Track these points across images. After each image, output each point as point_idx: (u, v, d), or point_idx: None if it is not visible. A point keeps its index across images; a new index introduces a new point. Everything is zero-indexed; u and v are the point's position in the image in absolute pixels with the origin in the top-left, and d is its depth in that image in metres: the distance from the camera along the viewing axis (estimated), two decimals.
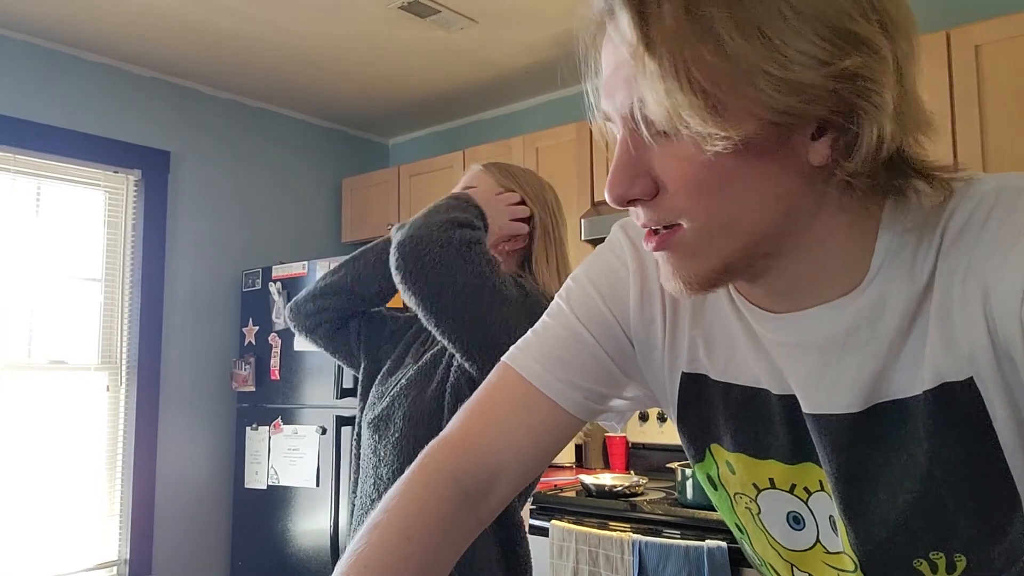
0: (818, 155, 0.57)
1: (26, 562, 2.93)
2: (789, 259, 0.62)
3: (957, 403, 0.60)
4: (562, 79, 3.43)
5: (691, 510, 2.42)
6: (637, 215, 0.63)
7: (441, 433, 0.80)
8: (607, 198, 0.62)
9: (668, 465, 2.80)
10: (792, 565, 0.75)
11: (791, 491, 0.72)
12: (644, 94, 0.56)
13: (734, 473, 0.76)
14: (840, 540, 0.69)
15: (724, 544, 2.22)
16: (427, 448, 0.79)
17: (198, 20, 2.91)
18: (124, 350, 3.27)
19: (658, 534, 2.41)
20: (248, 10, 2.82)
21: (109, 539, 3.19)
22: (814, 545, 0.72)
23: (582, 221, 2.99)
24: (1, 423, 2.92)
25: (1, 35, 2.97)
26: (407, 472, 0.77)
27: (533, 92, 3.67)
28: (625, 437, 3.21)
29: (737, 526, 0.80)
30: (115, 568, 3.19)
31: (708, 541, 2.27)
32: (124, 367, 3.26)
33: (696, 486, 2.44)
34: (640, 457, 3.20)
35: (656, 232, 0.63)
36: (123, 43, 3.12)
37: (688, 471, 2.48)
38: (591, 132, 3.10)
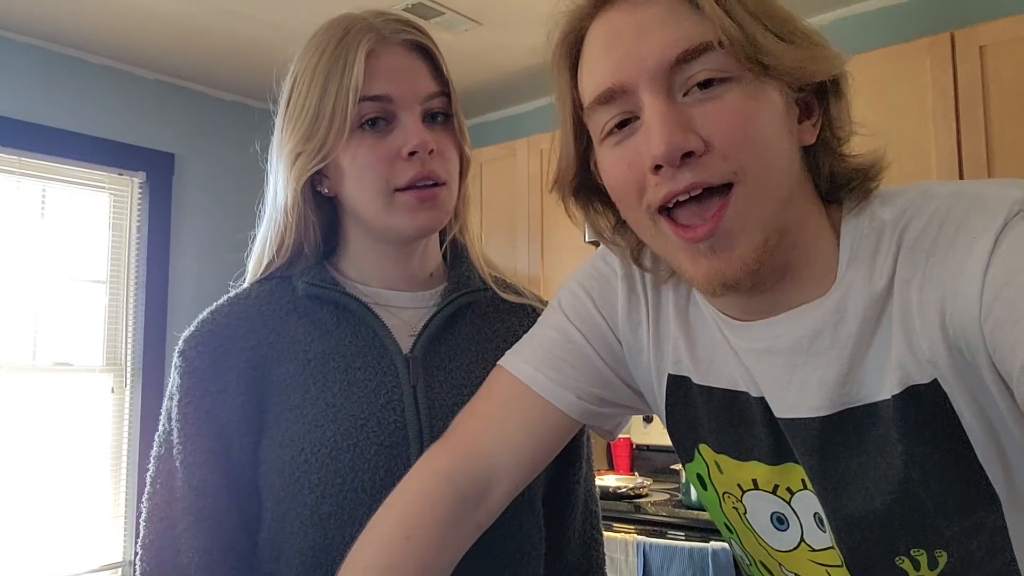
0: (806, 135, 0.65)
1: (30, 564, 2.93)
2: (788, 250, 0.65)
3: (925, 405, 0.61)
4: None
5: (695, 511, 2.42)
6: (675, 180, 0.60)
7: (440, 437, 0.81)
8: (658, 153, 0.59)
9: (672, 467, 2.80)
10: (780, 564, 0.76)
11: (774, 492, 0.73)
12: (722, 27, 0.59)
13: (722, 473, 0.77)
14: (828, 536, 0.70)
15: (728, 545, 2.22)
16: (426, 452, 0.80)
17: (202, 23, 2.92)
18: (129, 352, 3.27)
19: (662, 535, 2.41)
20: (252, 13, 2.83)
21: (114, 540, 3.20)
22: (798, 545, 0.73)
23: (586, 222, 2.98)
24: (6, 425, 2.92)
25: (6, 37, 2.98)
26: (406, 475, 0.78)
27: (537, 94, 3.66)
28: (629, 439, 3.20)
29: (726, 526, 0.81)
30: (120, 569, 3.19)
31: (712, 542, 2.27)
32: (129, 369, 3.27)
33: None
34: (644, 459, 3.19)
35: (704, 209, 0.61)
36: (127, 46, 3.12)
37: None
38: None
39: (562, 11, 0.67)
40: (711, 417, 0.75)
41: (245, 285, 0.96)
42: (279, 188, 0.92)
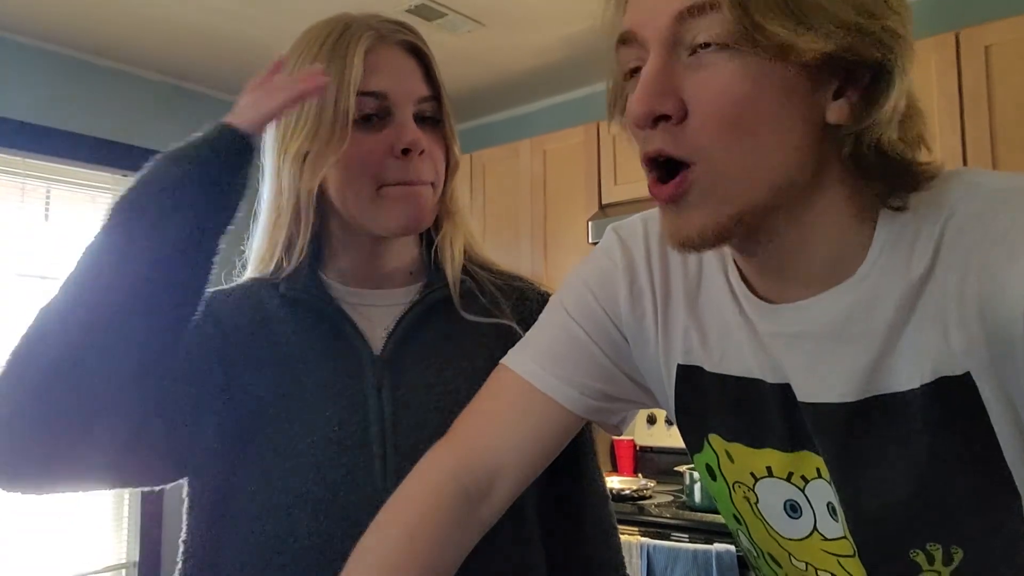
0: (835, 113, 0.60)
1: (35, 565, 2.94)
2: (787, 225, 0.63)
3: (954, 397, 0.60)
4: (571, 81, 3.44)
5: (699, 513, 2.41)
6: (650, 141, 0.61)
7: (444, 435, 0.81)
8: (632, 115, 0.60)
9: (676, 468, 2.80)
10: (789, 554, 0.75)
11: (788, 479, 0.72)
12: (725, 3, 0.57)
13: (733, 462, 0.76)
14: (840, 526, 0.70)
15: (732, 547, 2.22)
16: (429, 450, 0.79)
17: (207, 25, 2.92)
18: None
19: (666, 537, 2.41)
20: (256, 15, 2.83)
21: (118, 541, 3.20)
22: (811, 534, 0.72)
23: (589, 224, 2.99)
24: None
25: (12, 40, 2.99)
26: (410, 473, 0.78)
27: (541, 94, 3.67)
28: (633, 440, 3.20)
29: (735, 517, 0.81)
30: (124, 571, 3.19)
31: (716, 544, 2.27)
32: None
33: (704, 489, 2.44)
34: (648, 460, 3.19)
35: (666, 178, 0.61)
36: (131, 48, 3.13)
37: (696, 474, 2.47)
38: (599, 134, 3.10)
39: None
40: (724, 405, 0.75)
41: (236, 281, 0.98)
42: (286, 188, 0.91)
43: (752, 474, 0.75)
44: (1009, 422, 0.59)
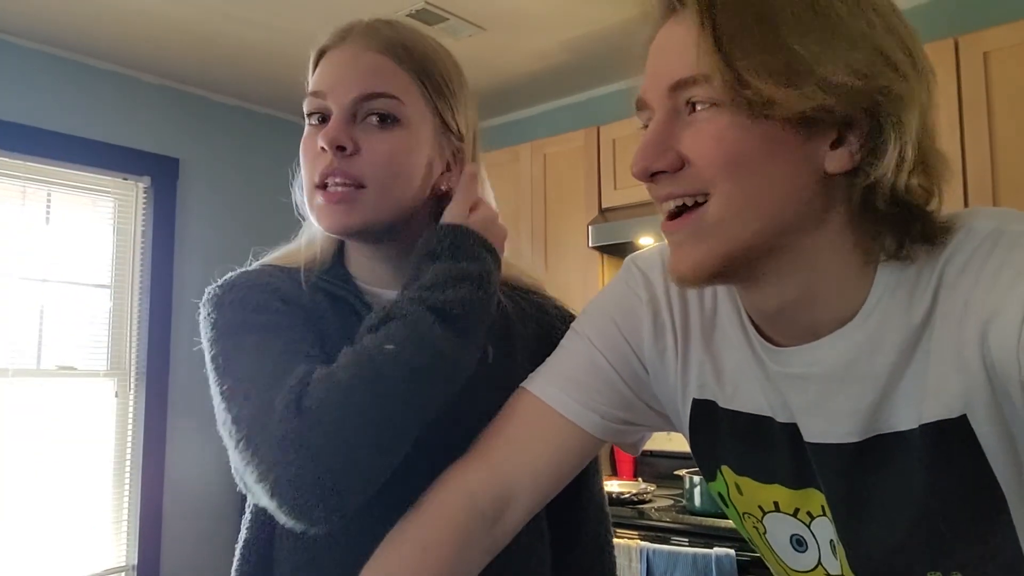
0: (834, 163, 0.62)
1: (34, 568, 2.94)
2: (788, 271, 0.65)
3: (951, 439, 0.63)
4: (571, 85, 3.44)
5: (699, 517, 2.41)
6: (658, 188, 0.67)
7: (463, 454, 0.81)
8: (633, 170, 0.67)
9: (676, 472, 2.80)
10: None
11: (794, 515, 0.74)
12: (709, 63, 0.61)
13: (742, 495, 0.78)
14: (839, 564, 0.71)
15: (732, 552, 2.22)
16: (449, 468, 0.80)
17: (207, 28, 2.93)
18: (133, 356, 3.28)
19: (666, 541, 2.41)
20: (256, 17, 2.84)
21: (117, 545, 3.20)
22: (816, 567, 0.74)
23: (589, 228, 2.99)
24: (10, 429, 2.93)
25: (11, 42, 2.99)
26: (428, 490, 0.79)
27: (541, 99, 3.67)
28: None
29: (747, 540, 0.84)
30: (123, 574, 3.19)
31: (716, 548, 2.27)
32: (133, 373, 3.27)
33: (704, 494, 2.44)
34: (648, 464, 3.19)
35: (678, 213, 0.66)
36: (132, 51, 3.14)
37: (696, 478, 2.47)
38: (599, 139, 3.10)
39: (644, 13, 0.71)
40: (735, 440, 0.77)
41: (254, 266, 0.96)
42: None
43: (760, 507, 0.77)
44: (1008, 459, 0.61)
